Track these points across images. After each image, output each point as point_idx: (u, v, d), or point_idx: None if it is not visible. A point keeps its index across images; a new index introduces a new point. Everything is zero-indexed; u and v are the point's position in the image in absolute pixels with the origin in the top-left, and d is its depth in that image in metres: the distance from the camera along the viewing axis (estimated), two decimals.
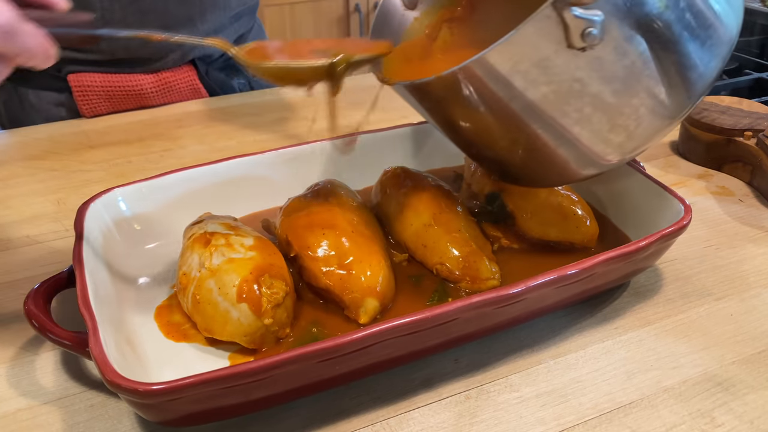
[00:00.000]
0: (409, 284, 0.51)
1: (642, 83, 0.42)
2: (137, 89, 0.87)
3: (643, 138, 0.45)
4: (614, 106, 0.42)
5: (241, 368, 0.36)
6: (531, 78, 0.41)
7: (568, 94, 0.41)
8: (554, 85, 0.41)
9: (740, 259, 0.57)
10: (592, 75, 0.41)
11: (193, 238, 0.49)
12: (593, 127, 0.43)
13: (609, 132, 0.44)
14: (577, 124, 0.43)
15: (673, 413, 0.42)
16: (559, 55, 0.39)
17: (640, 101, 0.43)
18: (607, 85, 0.41)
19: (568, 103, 0.42)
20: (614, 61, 0.40)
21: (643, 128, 0.44)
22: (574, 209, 0.54)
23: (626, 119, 0.43)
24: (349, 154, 0.58)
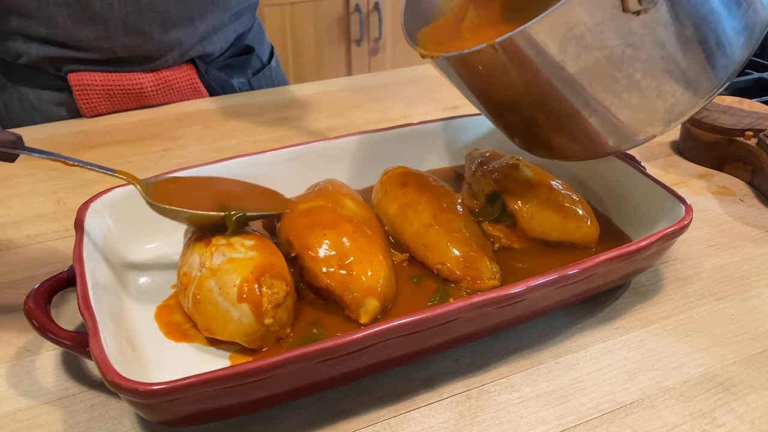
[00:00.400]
0: (410, 285, 0.50)
1: (691, 49, 0.43)
2: (137, 88, 0.87)
3: (687, 106, 0.46)
4: (663, 71, 0.43)
5: (241, 368, 0.36)
6: (585, 44, 0.41)
7: (620, 59, 0.42)
8: (607, 51, 0.42)
9: (741, 259, 0.57)
10: (644, 39, 0.41)
11: (193, 238, 0.49)
12: (642, 93, 0.44)
13: (657, 98, 0.45)
14: (626, 90, 0.44)
15: (674, 413, 0.42)
16: (615, 19, 0.40)
17: (688, 66, 0.43)
18: (658, 49, 0.42)
19: (619, 69, 0.43)
20: (666, 25, 0.41)
21: (689, 95, 0.45)
22: (574, 209, 0.54)
23: (674, 85, 0.44)
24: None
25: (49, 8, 0.79)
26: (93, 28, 0.81)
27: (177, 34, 0.86)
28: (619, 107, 0.45)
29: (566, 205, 0.54)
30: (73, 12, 0.80)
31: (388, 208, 0.56)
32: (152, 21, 0.83)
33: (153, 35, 0.84)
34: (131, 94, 0.87)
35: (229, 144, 0.79)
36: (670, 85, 0.44)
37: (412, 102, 0.92)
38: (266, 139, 0.81)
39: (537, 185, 0.56)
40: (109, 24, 0.81)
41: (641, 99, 0.45)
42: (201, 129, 0.84)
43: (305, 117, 0.88)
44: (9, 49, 0.83)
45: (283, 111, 0.90)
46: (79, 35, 0.81)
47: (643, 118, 0.46)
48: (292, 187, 0.60)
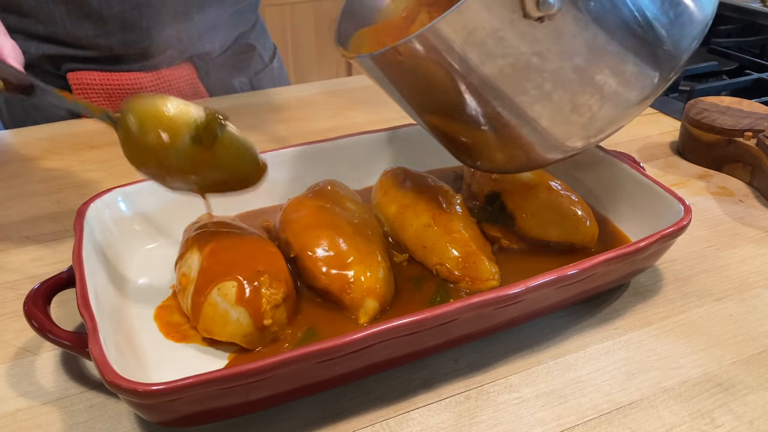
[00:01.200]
0: (410, 286, 0.50)
1: (605, 60, 0.39)
2: (137, 88, 0.87)
3: (608, 120, 0.42)
4: (576, 83, 0.40)
5: (241, 368, 0.36)
6: (487, 50, 0.38)
7: (527, 68, 0.39)
8: (511, 59, 0.39)
9: (740, 259, 0.57)
10: (551, 48, 0.38)
11: (192, 238, 0.49)
12: (554, 106, 0.41)
13: (571, 112, 0.41)
14: (537, 101, 0.41)
15: (673, 414, 0.42)
16: (515, 25, 0.37)
17: (604, 79, 0.40)
18: (567, 60, 0.39)
19: (528, 79, 0.40)
20: (575, 35, 0.38)
21: (607, 109, 0.42)
22: (574, 210, 0.54)
23: (589, 98, 0.41)
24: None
25: (48, 6, 0.79)
26: (91, 25, 0.81)
27: (175, 29, 0.86)
28: (533, 119, 0.42)
29: (565, 205, 0.54)
30: (71, 9, 0.80)
31: (388, 209, 0.56)
32: (149, 16, 0.83)
33: (150, 31, 0.84)
34: (131, 94, 0.87)
35: None
36: (584, 98, 0.40)
37: None
38: (266, 139, 0.81)
39: (536, 186, 0.56)
40: (106, 20, 0.81)
41: (555, 111, 0.41)
42: None
43: (305, 117, 0.88)
44: None
45: (282, 111, 0.90)
46: (77, 32, 0.81)
47: (561, 131, 0.43)
48: (292, 187, 0.60)
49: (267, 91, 0.97)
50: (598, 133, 0.43)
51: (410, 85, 0.45)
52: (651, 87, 0.42)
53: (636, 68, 0.40)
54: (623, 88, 0.41)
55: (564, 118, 0.42)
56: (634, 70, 0.40)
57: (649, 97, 0.42)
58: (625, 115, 0.43)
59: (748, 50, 1.08)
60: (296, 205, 0.53)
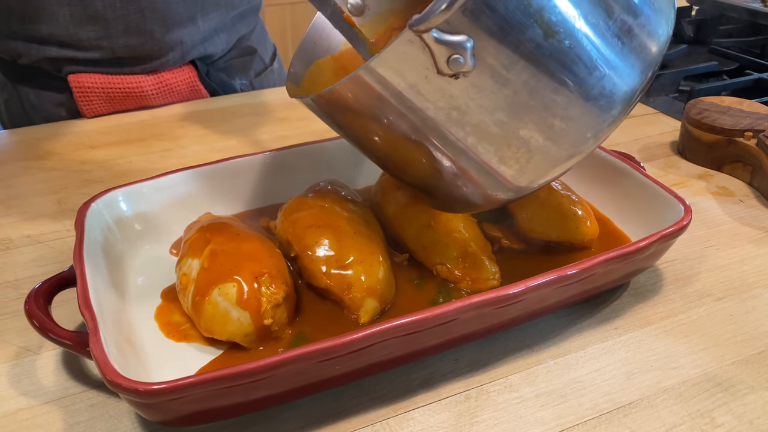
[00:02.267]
0: (411, 287, 0.50)
1: (529, 115, 0.38)
2: (137, 90, 0.87)
3: (538, 173, 0.41)
4: (500, 137, 0.38)
5: (241, 368, 0.36)
6: (407, 104, 0.37)
7: (448, 122, 0.38)
8: (431, 112, 0.37)
9: (740, 259, 0.57)
10: (469, 104, 0.37)
11: (192, 238, 0.49)
12: (481, 158, 0.40)
13: (500, 163, 0.40)
14: (462, 153, 0.40)
15: (672, 413, 0.42)
16: (430, 81, 0.36)
17: (530, 134, 0.38)
18: (488, 115, 0.37)
19: (449, 131, 0.38)
20: (494, 90, 0.36)
21: (537, 163, 0.40)
22: (574, 209, 0.54)
23: (515, 152, 0.39)
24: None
25: (51, 7, 0.79)
26: (94, 27, 0.81)
27: (179, 33, 0.86)
28: (461, 169, 0.41)
29: (566, 205, 0.55)
30: (75, 11, 0.80)
31: (388, 209, 0.56)
32: (154, 20, 0.83)
33: (154, 35, 0.84)
34: (131, 96, 0.87)
35: (229, 144, 0.79)
36: (511, 151, 0.39)
37: None
38: (266, 139, 0.81)
39: None
40: (110, 23, 0.81)
41: (482, 163, 0.40)
42: (201, 129, 0.84)
43: (305, 117, 0.88)
44: (9, 49, 0.84)
45: (283, 111, 0.90)
46: (80, 35, 0.81)
47: (490, 182, 0.41)
48: (291, 187, 0.60)
49: (267, 91, 0.97)
50: (531, 183, 0.42)
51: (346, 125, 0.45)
52: (581, 142, 0.40)
53: (564, 124, 0.38)
54: (551, 143, 0.39)
55: (492, 170, 0.41)
56: (562, 126, 0.38)
57: (581, 152, 0.40)
58: (556, 169, 0.41)
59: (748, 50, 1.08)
60: (296, 204, 0.53)
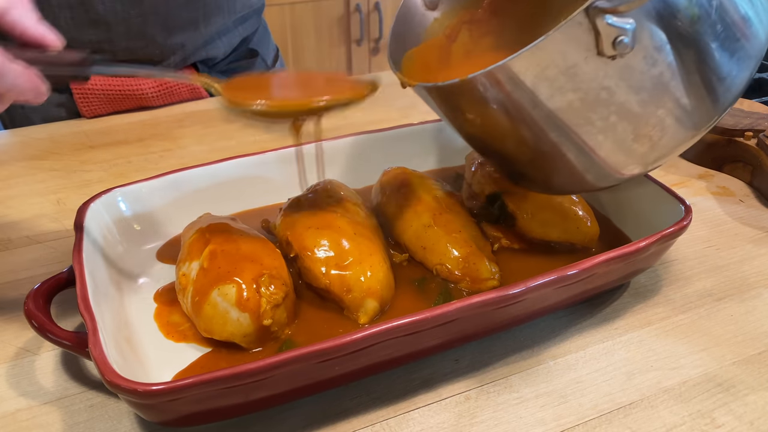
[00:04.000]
0: (412, 288, 0.50)
1: (669, 93, 0.41)
2: (138, 92, 0.87)
3: (667, 149, 0.45)
4: (640, 115, 0.42)
5: (241, 368, 0.36)
6: (558, 85, 0.40)
7: (595, 102, 0.41)
8: (581, 93, 0.40)
9: (740, 259, 0.57)
10: (620, 83, 0.40)
11: (192, 238, 0.49)
12: (617, 136, 0.43)
13: (633, 141, 0.43)
14: (601, 132, 0.43)
15: (673, 414, 0.42)
16: (589, 62, 0.39)
17: (667, 111, 0.42)
18: (634, 94, 0.41)
19: (594, 111, 0.41)
20: (643, 71, 0.40)
21: (667, 139, 0.44)
22: (574, 210, 0.54)
23: (651, 129, 0.43)
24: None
25: (52, 10, 0.79)
26: (95, 31, 0.81)
27: (180, 37, 0.86)
28: (594, 148, 0.44)
29: (566, 205, 0.54)
30: (76, 14, 0.79)
31: (388, 209, 0.56)
32: (155, 24, 0.83)
33: (156, 38, 0.84)
34: (131, 98, 0.87)
35: (228, 144, 0.79)
36: (646, 129, 0.43)
37: (412, 102, 0.92)
38: (266, 139, 0.81)
39: None
40: (111, 27, 0.81)
41: (617, 141, 0.43)
42: (201, 129, 0.84)
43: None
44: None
45: None
46: (82, 38, 0.81)
47: (620, 159, 0.45)
48: (292, 187, 0.60)
49: None
50: (655, 161, 0.46)
51: (472, 114, 0.47)
52: (709, 119, 0.44)
53: (696, 102, 0.42)
54: (684, 120, 0.43)
55: (625, 148, 0.44)
56: (695, 104, 0.42)
57: (705, 127, 0.44)
58: (683, 144, 0.45)
59: None
60: (296, 204, 0.53)
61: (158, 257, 0.54)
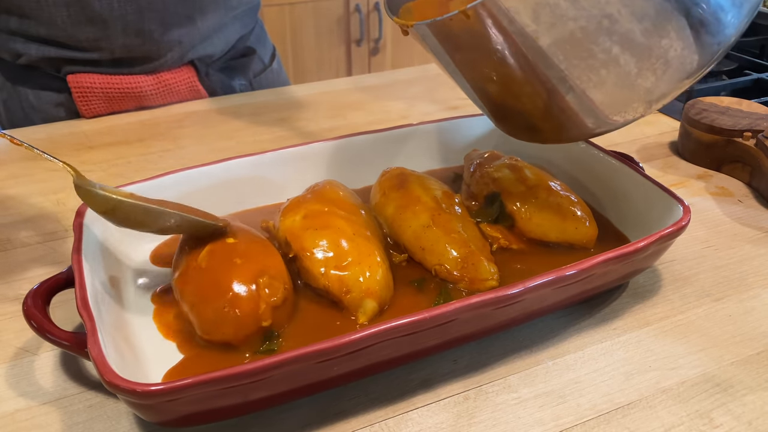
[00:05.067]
0: (412, 289, 0.50)
1: (672, 23, 0.41)
2: (137, 91, 0.87)
3: (670, 85, 0.44)
4: (643, 46, 0.41)
5: (240, 369, 0.36)
6: (559, 12, 0.40)
7: (597, 31, 0.40)
8: (582, 21, 0.40)
9: (739, 259, 0.57)
10: (622, 11, 0.40)
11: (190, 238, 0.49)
12: (621, 70, 0.42)
13: (637, 76, 0.43)
14: (604, 65, 0.42)
15: (671, 414, 0.42)
16: None
17: (670, 43, 0.41)
18: (637, 23, 0.40)
19: (596, 42, 0.41)
20: None
21: (671, 74, 0.43)
22: (573, 210, 0.54)
23: (654, 62, 0.42)
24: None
25: (49, 8, 0.79)
26: (92, 28, 0.81)
27: (177, 33, 0.86)
28: (597, 84, 0.43)
29: (565, 206, 0.55)
30: (73, 12, 0.80)
31: (386, 209, 0.56)
32: (152, 20, 0.83)
33: (153, 35, 0.84)
34: (131, 97, 0.87)
35: (228, 144, 0.79)
36: (650, 62, 0.42)
37: (412, 102, 0.92)
38: (266, 139, 0.81)
39: (535, 186, 0.56)
40: (108, 24, 0.81)
41: (620, 76, 0.43)
42: (201, 129, 0.84)
43: (305, 117, 0.88)
44: (8, 50, 0.84)
45: (282, 111, 0.90)
46: (79, 35, 0.81)
47: (623, 97, 0.44)
48: (291, 187, 0.60)
49: (267, 91, 0.97)
50: (659, 99, 0.45)
51: (471, 52, 0.46)
52: (709, 55, 0.43)
53: (698, 35, 0.42)
54: (687, 53, 0.42)
55: (629, 83, 0.43)
56: (698, 36, 0.42)
57: (706, 65, 0.44)
58: (684, 82, 0.44)
59: (747, 50, 1.08)
60: (296, 205, 0.53)
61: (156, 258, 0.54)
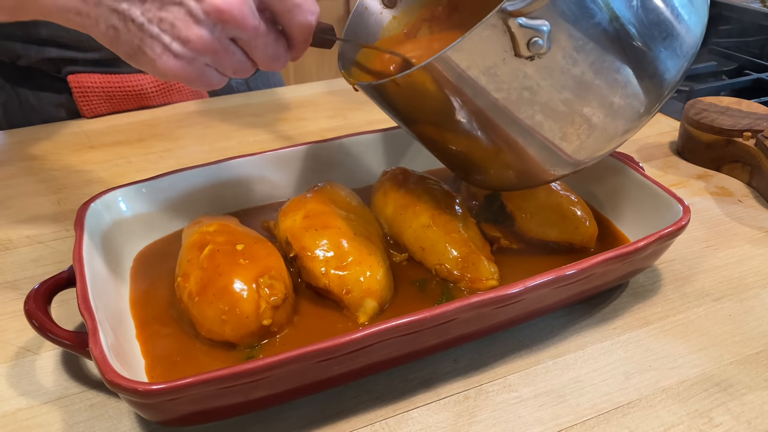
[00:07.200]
0: (413, 289, 0.50)
1: (593, 93, 0.42)
2: (137, 89, 0.87)
3: (596, 148, 0.45)
4: (565, 114, 0.42)
5: (240, 368, 0.36)
6: (480, 85, 0.41)
7: (518, 101, 0.41)
8: (504, 93, 0.41)
9: (739, 259, 0.57)
10: (541, 83, 0.41)
11: (191, 239, 0.49)
12: (545, 135, 0.43)
13: (561, 140, 0.44)
14: (528, 131, 0.43)
15: (671, 413, 0.42)
16: (507, 63, 0.39)
17: (592, 111, 0.42)
18: (557, 93, 0.41)
19: (519, 111, 0.42)
20: (563, 71, 0.40)
21: (595, 138, 0.44)
22: (573, 210, 0.54)
23: (578, 128, 0.43)
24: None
25: None
26: None
27: None
28: (524, 146, 0.44)
29: (565, 205, 0.55)
30: None
31: (387, 209, 0.56)
32: None
33: None
34: (131, 96, 0.87)
35: (228, 144, 0.79)
36: (573, 128, 0.43)
37: None
38: (266, 139, 0.81)
39: None
40: None
41: (544, 140, 0.44)
42: (201, 129, 0.84)
43: (305, 117, 0.88)
44: (8, 51, 0.84)
45: (282, 111, 0.90)
46: (80, 35, 0.81)
47: (550, 158, 0.45)
48: (291, 187, 0.60)
49: (267, 91, 0.97)
50: (587, 159, 0.46)
51: (408, 110, 0.48)
52: (636, 117, 0.44)
53: (622, 101, 0.43)
54: (610, 119, 0.43)
55: (554, 146, 0.44)
56: (621, 103, 0.43)
57: (634, 127, 0.45)
58: (613, 142, 0.45)
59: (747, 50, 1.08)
60: (296, 205, 0.54)
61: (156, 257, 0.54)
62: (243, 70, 0.44)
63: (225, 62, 0.42)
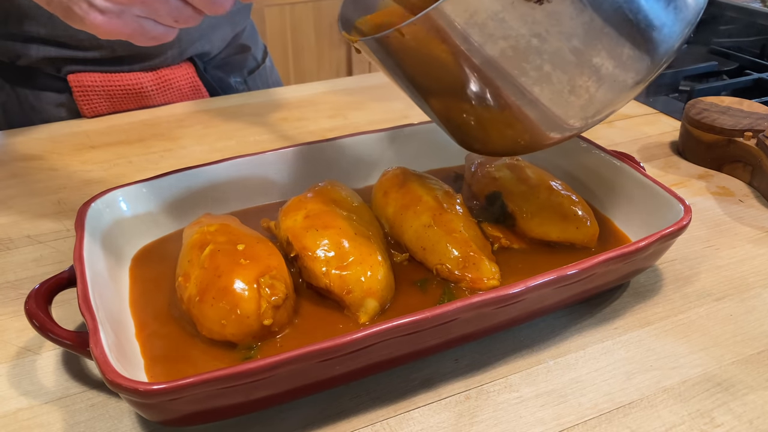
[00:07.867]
0: (414, 289, 0.50)
1: (602, 42, 0.41)
2: (137, 88, 0.87)
3: (605, 102, 0.44)
4: (574, 64, 0.41)
5: (241, 368, 0.36)
6: (488, 32, 0.40)
7: (527, 50, 0.40)
8: (512, 40, 0.40)
9: (740, 259, 0.57)
10: (550, 30, 0.40)
11: (192, 238, 0.49)
12: (553, 87, 0.42)
13: (570, 93, 0.43)
14: (536, 83, 0.42)
15: (672, 413, 0.42)
16: (516, 7, 0.39)
17: (601, 61, 0.41)
18: (566, 42, 0.40)
19: (527, 60, 0.41)
20: (573, 17, 0.39)
21: (604, 91, 0.43)
22: (574, 210, 0.54)
23: (587, 80, 0.42)
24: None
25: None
26: None
27: None
28: (531, 101, 0.43)
29: (566, 205, 0.55)
30: None
31: (387, 209, 0.56)
32: None
33: None
34: (132, 94, 0.88)
35: (228, 144, 0.79)
36: (582, 79, 0.42)
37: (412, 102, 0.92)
38: (266, 139, 0.81)
39: (536, 186, 0.56)
40: None
41: (553, 93, 0.43)
42: (201, 129, 0.84)
43: (305, 117, 0.88)
44: (8, 51, 0.84)
45: (282, 111, 0.90)
46: (80, 34, 0.81)
47: (558, 113, 0.44)
48: (292, 187, 0.60)
49: (267, 91, 0.97)
50: (595, 115, 0.45)
51: (413, 66, 0.46)
52: (646, 71, 0.43)
53: (632, 52, 0.42)
54: (620, 71, 0.42)
55: (563, 100, 0.43)
56: (630, 54, 0.42)
57: (643, 80, 0.44)
58: (621, 97, 0.44)
59: (748, 50, 1.08)
60: (297, 204, 0.53)
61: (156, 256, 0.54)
62: (185, 18, 0.41)
63: (159, 10, 0.40)
